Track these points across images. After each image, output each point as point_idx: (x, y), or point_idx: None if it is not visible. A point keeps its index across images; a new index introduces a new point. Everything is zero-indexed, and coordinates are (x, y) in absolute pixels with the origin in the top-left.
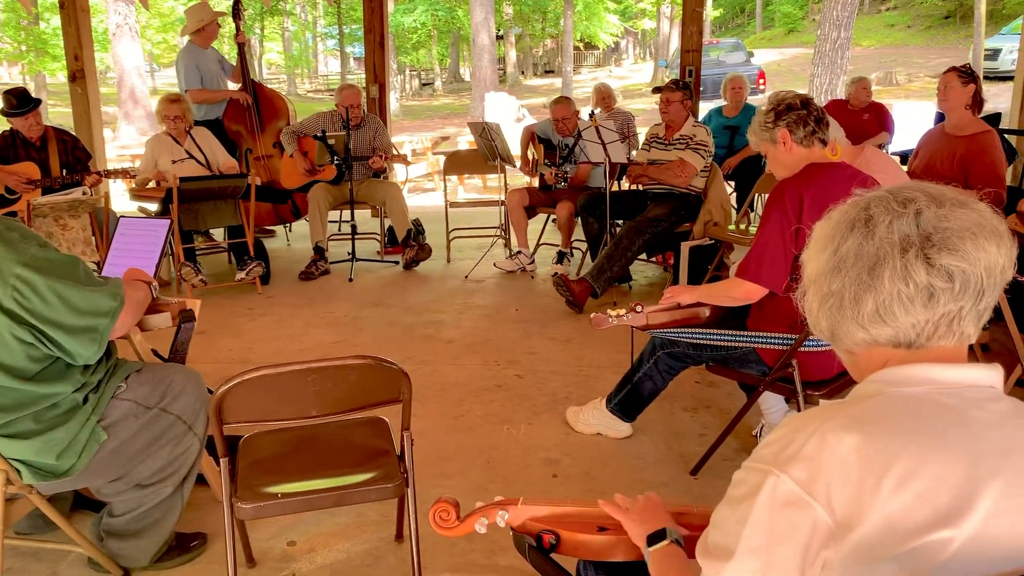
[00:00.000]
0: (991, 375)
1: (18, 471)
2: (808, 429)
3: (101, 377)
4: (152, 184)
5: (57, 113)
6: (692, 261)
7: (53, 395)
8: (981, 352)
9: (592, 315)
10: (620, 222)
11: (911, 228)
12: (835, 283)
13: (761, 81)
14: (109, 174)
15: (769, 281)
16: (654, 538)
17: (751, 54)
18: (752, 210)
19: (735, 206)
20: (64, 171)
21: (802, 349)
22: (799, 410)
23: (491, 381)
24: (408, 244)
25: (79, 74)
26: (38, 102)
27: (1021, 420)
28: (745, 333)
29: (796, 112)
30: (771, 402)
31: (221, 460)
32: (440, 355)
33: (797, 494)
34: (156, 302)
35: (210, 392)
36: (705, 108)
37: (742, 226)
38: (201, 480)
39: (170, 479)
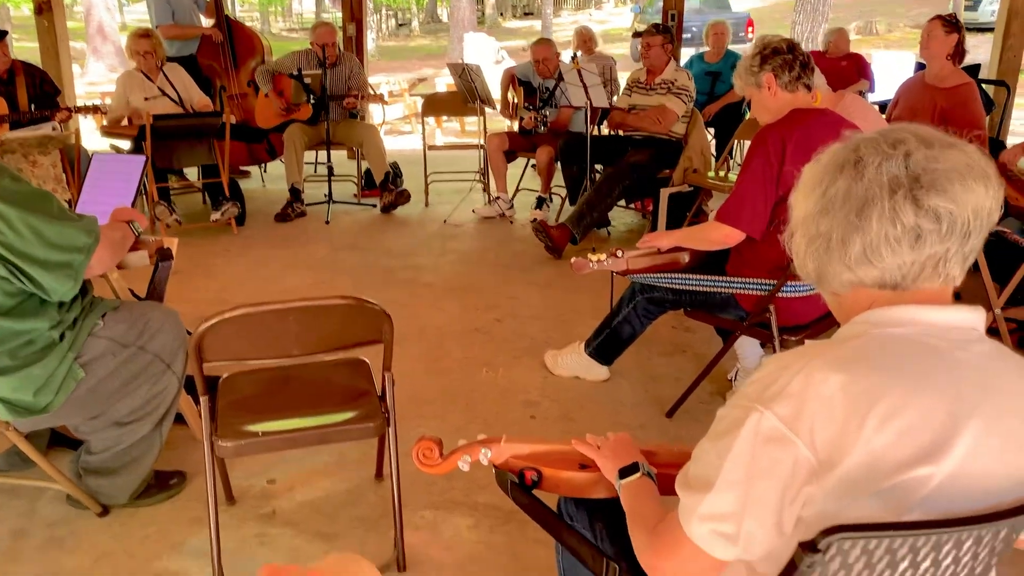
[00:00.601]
0: (974, 317)
1: None
2: (794, 367)
3: (77, 315)
4: (124, 122)
5: (23, 48)
6: (671, 208)
7: (28, 331)
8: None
9: (572, 259)
10: (600, 167)
11: (900, 169)
12: (823, 224)
13: (750, 29)
14: (79, 110)
15: (748, 226)
16: (626, 471)
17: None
18: (732, 157)
19: (715, 153)
20: (32, 106)
21: (780, 295)
22: (775, 352)
23: (470, 325)
24: (386, 188)
25: (45, 6)
26: (4, 33)
27: (1002, 362)
28: (724, 278)
29: (782, 56)
30: (747, 347)
31: (201, 398)
32: (419, 299)
33: (780, 431)
34: (138, 241)
35: (189, 334)
36: (687, 55)
37: (721, 173)
38: (180, 420)
39: (148, 418)
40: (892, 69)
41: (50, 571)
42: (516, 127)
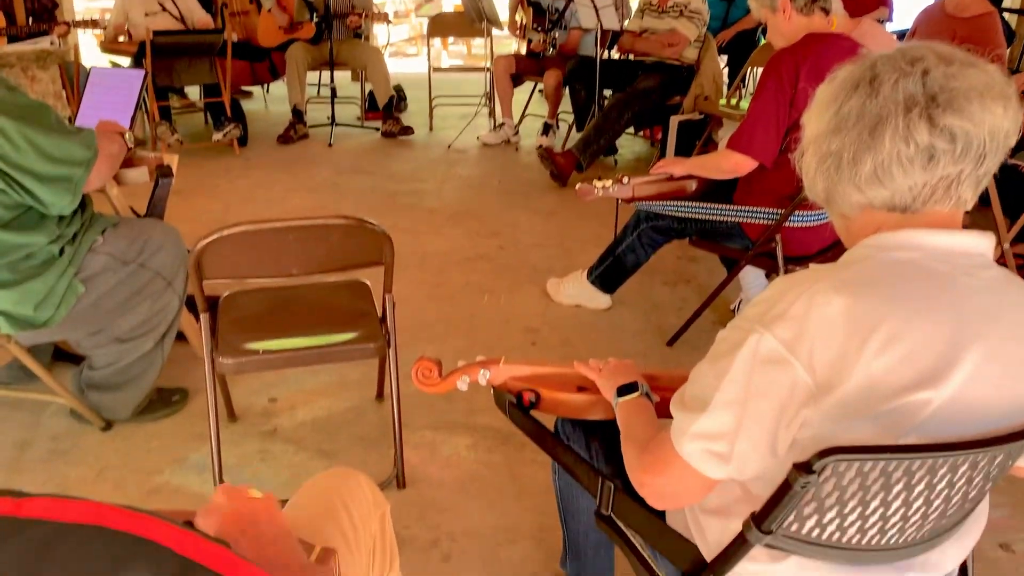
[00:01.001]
0: (982, 243)
1: None
2: (796, 290)
3: (77, 230)
4: (123, 38)
5: None
6: (680, 136)
7: (27, 245)
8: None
9: (577, 186)
10: (609, 93)
11: (917, 87)
12: (835, 143)
13: None
14: (78, 24)
15: (760, 153)
16: (624, 390)
17: None
18: (744, 85)
19: (727, 80)
20: (30, 19)
21: (787, 224)
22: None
23: (473, 252)
24: (390, 115)
25: None
26: None
27: (1009, 288)
28: (731, 207)
29: None
30: (751, 277)
31: (201, 315)
32: (422, 224)
33: (779, 352)
34: (131, 155)
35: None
36: None
37: (733, 101)
38: (181, 337)
39: (150, 334)
40: None
41: (54, 482)
42: (524, 50)
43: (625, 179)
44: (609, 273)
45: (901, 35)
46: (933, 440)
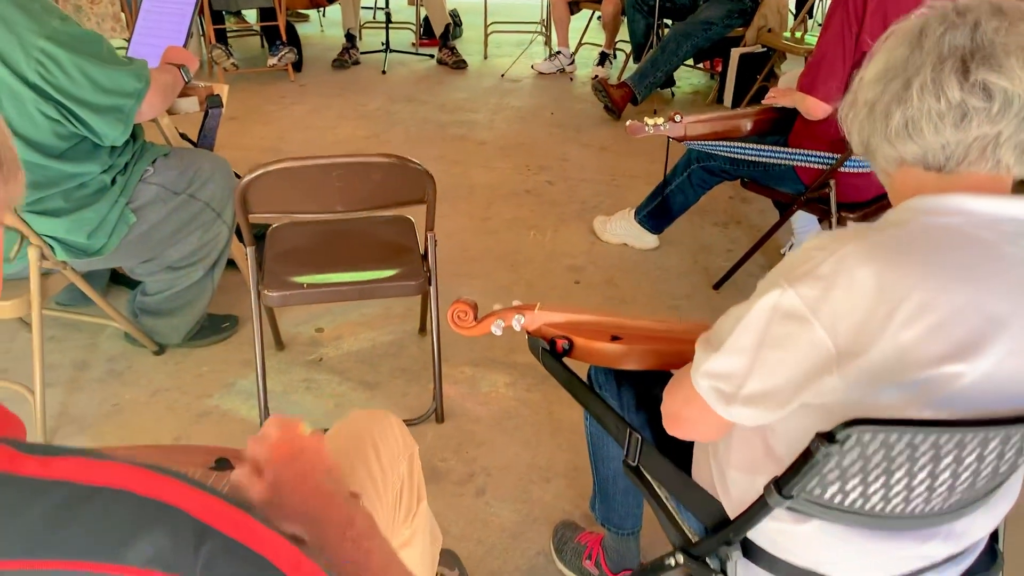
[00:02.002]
0: None
1: (52, 248)
2: (829, 249)
3: (128, 159)
4: None
5: None
6: (741, 69)
7: (81, 174)
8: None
9: (628, 122)
10: (669, 22)
11: (963, 41)
12: (871, 92)
13: None
14: None
15: (824, 94)
16: None
17: None
18: (811, 17)
19: (793, 12)
20: None
21: (841, 169)
22: (831, 228)
23: (521, 186)
24: (445, 45)
25: None
26: None
27: None
28: (785, 150)
29: None
30: (803, 221)
31: (247, 248)
32: (471, 156)
33: (800, 310)
34: (187, 86)
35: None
36: None
37: (798, 34)
38: (232, 265)
39: (200, 263)
40: None
41: (109, 402)
42: None
43: (677, 117)
44: (657, 213)
45: None
46: (965, 413)
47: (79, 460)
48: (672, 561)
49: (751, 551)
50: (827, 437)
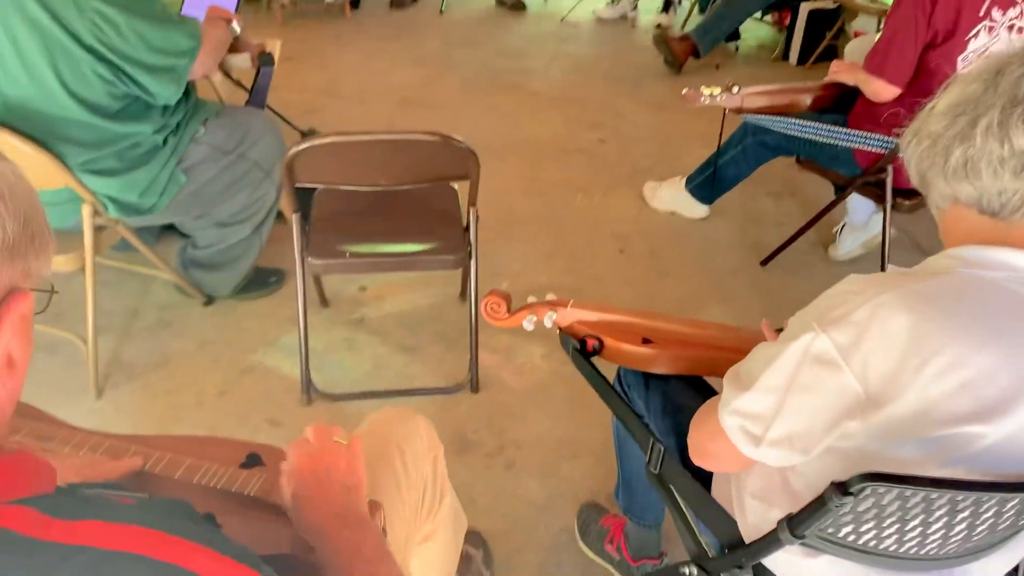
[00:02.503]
0: None
1: (105, 205)
2: (865, 294)
3: (180, 119)
4: None
5: None
6: (810, 24)
7: (134, 134)
8: None
9: (684, 91)
10: None
11: None
12: (937, 125)
13: None
14: None
15: (892, 75)
16: None
17: None
18: None
19: None
20: None
21: (901, 155)
22: (885, 215)
23: (573, 143)
24: None
25: None
26: None
27: None
28: (844, 130)
29: None
30: (857, 201)
31: (293, 215)
32: (524, 107)
33: (831, 355)
34: (237, 42)
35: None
36: None
37: None
38: (281, 217)
39: (248, 221)
40: None
41: (159, 352)
42: None
43: (735, 88)
44: (708, 184)
45: None
46: (983, 474)
47: (100, 525)
48: (686, 571)
49: (762, 572)
50: (841, 488)
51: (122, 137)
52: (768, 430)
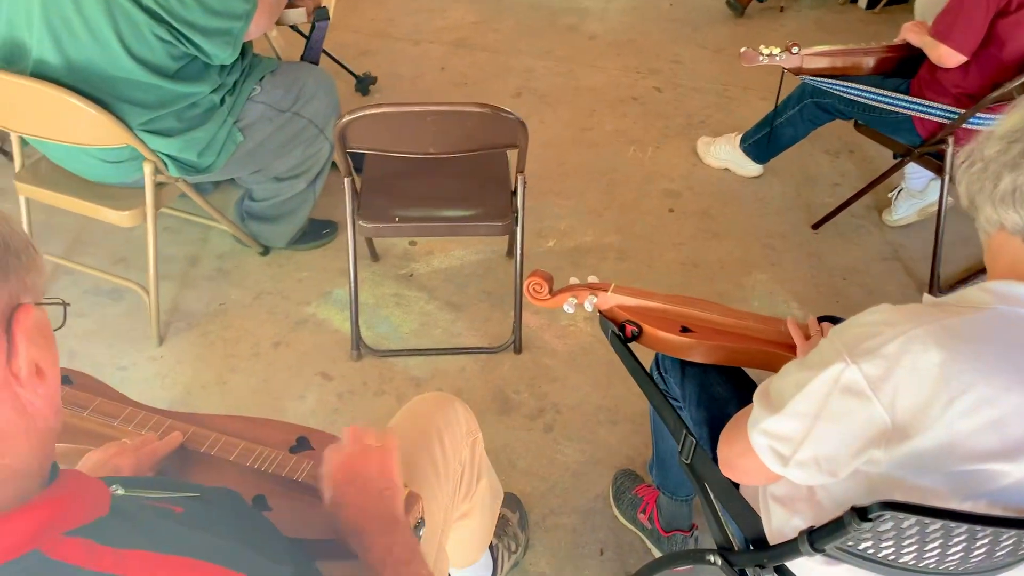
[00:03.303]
0: None
1: (165, 164)
2: (898, 328)
3: (237, 78)
4: None
5: None
6: None
7: (192, 94)
8: None
9: (742, 50)
10: None
11: None
12: (992, 149)
13: None
14: None
15: (959, 43)
16: None
17: None
18: None
19: None
20: None
21: (964, 126)
22: (943, 186)
23: (627, 92)
24: None
25: None
26: None
27: None
28: (905, 98)
29: None
30: (917, 166)
31: (345, 180)
32: (580, 53)
33: (861, 387)
34: None
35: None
36: None
37: None
38: (336, 167)
39: (303, 176)
40: None
41: (217, 301)
42: None
43: (795, 48)
44: (763, 143)
45: None
46: (1005, 509)
47: (148, 556)
48: (711, 559)
49: (784, 572)
50: (861, 513)
51: (181, 97)
52: (796, 452)
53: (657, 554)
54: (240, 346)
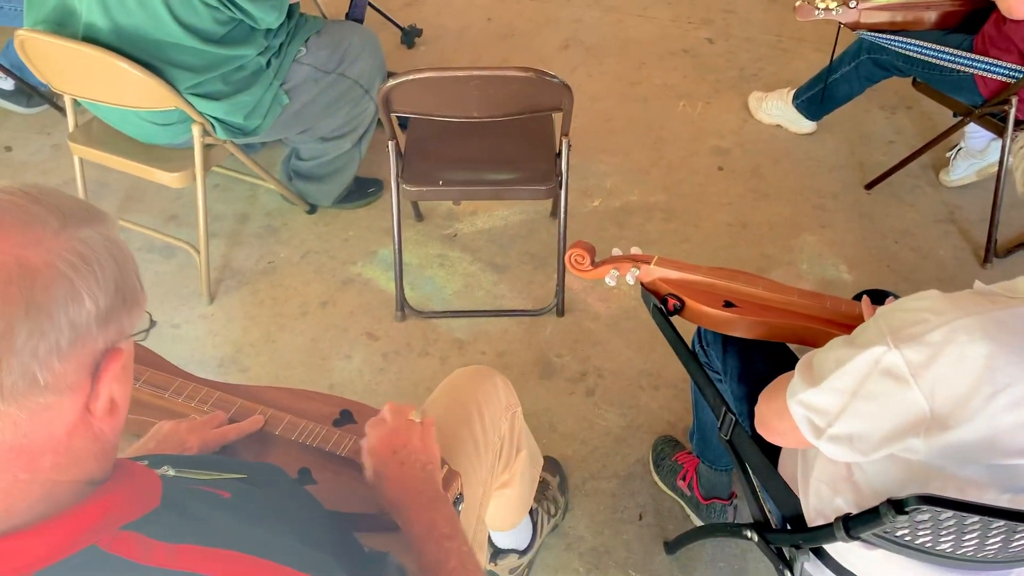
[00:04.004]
0: None
1: (213, 126)
2: (946, 315)
3: (283, 40)
4: None
5: None
6: None
7: (239, 57)
8: None
9: (797, 3)
10: None
11: None
12: None
13: None
14: None
15: None
16: None
17: None
18: None
19: None
20: None
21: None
22: (1004, 147)
23: (678, 44)
24: None
25: None
26: None
27: None
28: (968, 55)
29: None
30: (977, 125)
31: (389, 143)
32: (629, 2)
33: (902, 371)
34: None
35: (390, 19)
36: None
37: None
38: (381, 125)
39: (349, 136)
40: None
41: (266, 259)
42: None
43: (852, 2)
44: (817, 100)
45: None
46: None
47: (197, 550)
48: (748, 534)
49: (821, 553)
50: (897, 507)
51: (227, 60)
52: (831, 426)
53: (696, 521)
54: (288, 305)
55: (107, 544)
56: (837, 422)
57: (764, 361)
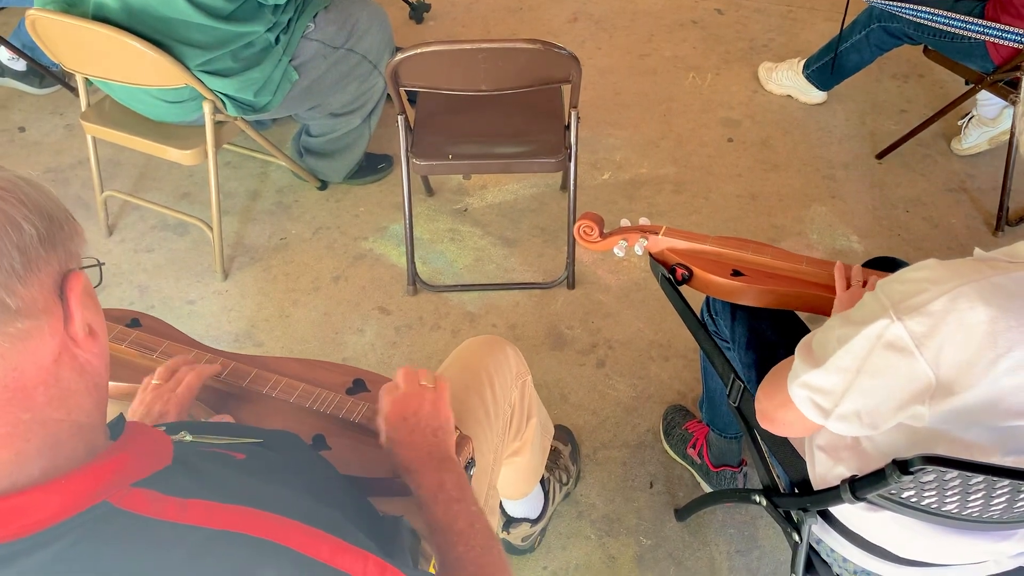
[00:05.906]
0: None
1: (223, 103)
2: (944, 284)
3: (291, 16)
4: None
5: None
6: None
7: (247, 34)
8: None
9: None
10: None
11: None
12: None
13: None
14: None
15: None
16: None
17: None
18: None
19: None
20: None
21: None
22: (1016, 113)
23: (687, 15)
24: None
25: None
26: None
27: None
28: (979, 22)
29: None
30: (989, 93)
31: (399, 117)
32: None
33: (905, 343)
34: None
35: None
36: None
37: None
38: (391, 100)
39: (358, 112)
40: None
41: (278, 235)
42: None
43: None
44: (827, 70)
45: None
46: None
47: (208, 505)
48: (757, 499)
49: (828, 517)
50: (902, 467)
51: (236, 37)
52: (837, 405)
53: (706, 488)
54: (301, 280)
55: (119, 500)
56: (843, 401)
57: (772, 329)
